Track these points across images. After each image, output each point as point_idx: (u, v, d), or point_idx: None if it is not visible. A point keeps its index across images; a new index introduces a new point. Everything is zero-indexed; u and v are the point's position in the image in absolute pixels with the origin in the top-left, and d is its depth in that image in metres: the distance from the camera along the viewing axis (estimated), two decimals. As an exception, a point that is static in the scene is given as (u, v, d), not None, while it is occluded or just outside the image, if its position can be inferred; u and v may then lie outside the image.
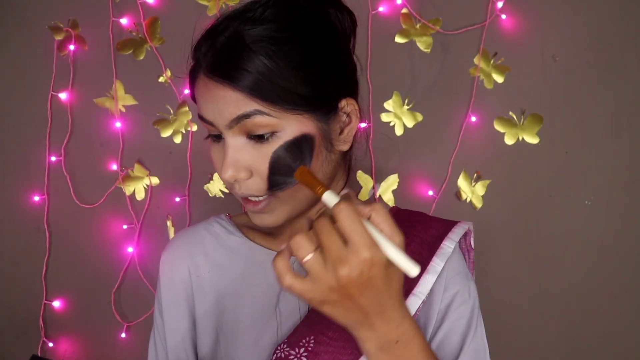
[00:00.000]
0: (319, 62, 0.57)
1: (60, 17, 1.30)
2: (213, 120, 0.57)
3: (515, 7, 1.14)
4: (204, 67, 0.56)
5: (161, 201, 1.32)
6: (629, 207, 1.16)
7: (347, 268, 0.43)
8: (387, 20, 1.18)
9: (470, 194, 1.19)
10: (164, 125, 1.28)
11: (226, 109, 0.55)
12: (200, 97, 0.58)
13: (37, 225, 1.37)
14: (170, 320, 0.71)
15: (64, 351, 1.41)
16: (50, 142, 1.34)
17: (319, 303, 0.46)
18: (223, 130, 0.56)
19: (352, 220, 0.43)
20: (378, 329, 0.47)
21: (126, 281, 1.35)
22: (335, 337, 0.60)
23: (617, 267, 1.18)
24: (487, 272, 1.20)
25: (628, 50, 1.12)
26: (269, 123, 0.55)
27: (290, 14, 0.57)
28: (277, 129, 0.55)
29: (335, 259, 0.43)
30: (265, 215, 0.60)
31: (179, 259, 0.72)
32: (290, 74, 0.54)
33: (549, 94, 1.15)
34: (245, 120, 0.54)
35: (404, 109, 1.19)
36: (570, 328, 1.21)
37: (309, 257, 0.44)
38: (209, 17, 1.22)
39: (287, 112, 0.55)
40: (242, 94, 0.54)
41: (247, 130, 0.55)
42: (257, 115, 0.54)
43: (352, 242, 0.43)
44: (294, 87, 0.55)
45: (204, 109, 0.58)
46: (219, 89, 0.55)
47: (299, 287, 0.45)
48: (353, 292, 0.44)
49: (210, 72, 0.55)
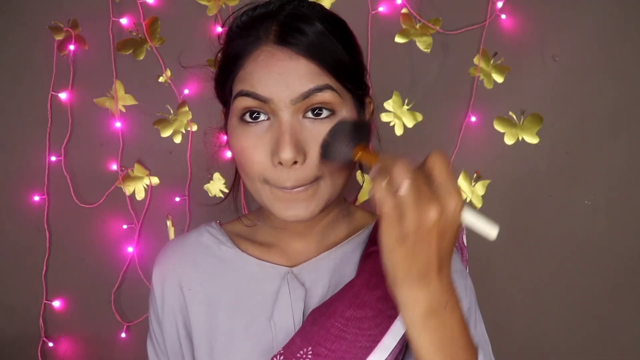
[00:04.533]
0: (359, 54, 0.62)
1: (60, 17, 1.30)
2: (274, 95, 0.54)
3: (515, 7, 1.14)
4: (274, 38, 0.55)
5: (161, 201, 1.32)
6: (629, 207, 1.16)
7: (437, 209, 0.42)
8: (387, 20, 1.18)
9: (470, 194, 1.19)
10: (164, 125, 1.28)
11: (298, 82, 0.54)
12: (260, 70, 0.55)
13: (37, 225, 1.37)
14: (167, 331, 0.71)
15: (64, 351, 1.41)
16: (50, 142, 1.34)
17: (396, 241, 0.44)
18: (283, 107, 0.54)
19: (447, 169, 0.43)
20: (433, 288, 0.46)
21: (126, 281, 1.35)
22: (333, 349, 0.59)
23: (616, 267, 1.18)
24: (487, 272, 1.20)
25: (628, 50, 1.12)
26: (334, 100, 0.55)
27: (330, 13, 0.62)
28: (337, 109, 0.56)
29: (428, 197, 0.42)
30: (302, 207, 0.58)
31: (170, 273, 0.71)
32: (348, 57, 0.58)
33: (549, 94, 1.15)
34: (315, 94, 0.54)
35: (404, 109, 1.19)
36: (570, 328, 1.21)
37: (408, 183, 0.42)
38: (209, 17, 1.22)
39: (348, 93, 0.57)
40: (317, 67, 0.54)
41: (309, 105, 0.55)
42: (328, 90, 0.55)
43: (445, 188, 0.43)
44: (353, 70, 0.58)
45: (262, 83, 0.55)
46: (291, 60, 0.54)
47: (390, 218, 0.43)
48: (431, 237, 0.43)
49: (282, 41, 0.55)
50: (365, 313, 0.60)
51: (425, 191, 0.43)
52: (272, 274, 0.67)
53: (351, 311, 0.60)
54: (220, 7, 1.22)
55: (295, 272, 0.67)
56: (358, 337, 0.59)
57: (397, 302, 0.47)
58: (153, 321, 0.74)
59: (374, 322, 0.60)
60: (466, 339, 0.49)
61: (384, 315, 0.60)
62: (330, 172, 0.58)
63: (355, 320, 0.60)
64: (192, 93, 1.27)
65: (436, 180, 0.43)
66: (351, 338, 0.59)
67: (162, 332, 0.72)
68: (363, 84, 0.62)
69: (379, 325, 0.60)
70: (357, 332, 0.59)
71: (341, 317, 0.60)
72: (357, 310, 0.60)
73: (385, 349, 0.59)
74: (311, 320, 0.62)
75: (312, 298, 0.66)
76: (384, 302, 0.60)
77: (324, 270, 0.67)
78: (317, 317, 0.61)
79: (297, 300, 0.65)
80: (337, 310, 0.60)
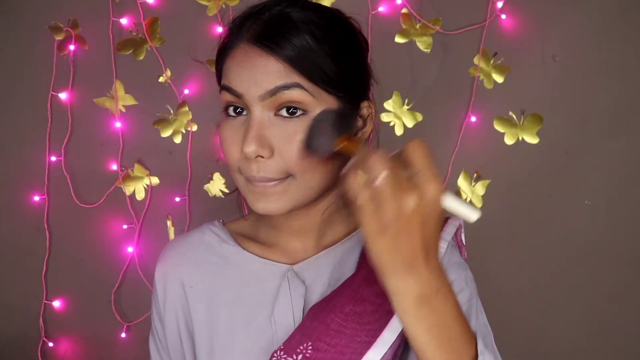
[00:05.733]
0: (352, 58, 0.61)
1: (60, 17, 1.30)
2: (245, 90, 0.56)
3: (515, 7, 1.14)
4: (248, 36, 0.57)
5: (161, 201, 1.32)
6: (629, 207, 1.16)
7: (415, 197, 0.42)
8: (387, 20, 1.18)
9: (470, 194, 1.19)
10: (164, 125, 1.28)
11: (265, 78, 0.55)
12: (235, 66, 0.58)
13: (37, 225, 1.37)
14: (168, 328, 0.72)
15: (64, 351, 1.41)
16: (50, 142, 1.34)
17: (376, 232, 0.44)
18: (253, 103, 0.56)
19: (426, 156, 0.43)
20: (421, 275, 0.45)
21: (126, 281, 1.35)
22: (333, 344, 0.60)
23: (616, 267, 1.18)
24: (487, 272, 1.20)
25: (628, 50, 1.12)
26: (304, 100, 0.56)
27: (330, 11, 0.62)
28: (309, 109, 0.56)
29: (405, 186, 0.42)
30: (272, 201, 0.59)
31: (172, 270, 0.72)
32: (329, 59, 0.57)
33: (549, 94, 1.15)
34: (283, 92, 0.55)
35: (404, 109, 1.19)
36: (570, 328, 1.21)
37: (385, 174, 0.42)
38: (209, 17, 1.22)
39: (322, 93, 0.57)
40: (285, 65, 0.55)
41: (280, 103, 0.56)
42: (296, 88, 0.55)
43: (423, 174, 0.43)
44: (331, 72, 0.57)
45: (236, 79, 0.57)
46: (262, 57, 0.56)
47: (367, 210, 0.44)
48: (412, 225, 0.43)
49: (256, 40, 0.56)
50: (364, 308, 0.61)
51: (402, 180, 0.43)
52: (273, 271, 0.68)
53: (350, 306, 0.61)
54: (220, 7, 1.22)
55: (295, 270, 0.68)
56: (357, 332, 0.60)
57: (388, 293, 0.47)
58: (155, 319, 0.75)
59: (373, 317, 0.61)
60: (462, 326, 0.49)
61: (382, 310, 0.60)
62: (301, 172, 0.58)
63: (354, 315, 0.60)
64: (192, 93, 1.27)
65: (414, 168, 0.43)
66: (350, 333, 0.60)
67: (164, 329, 0.72)
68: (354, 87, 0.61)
69: (378, 320, 0.60)
70: (356, 327, 0.60)
71: (341, 312, 0.61)
72: (357, 306, 0.61)
73: (385, 344, 0.59)
74: (311, 315, 0.63)
75: (312, 295, 0.67)
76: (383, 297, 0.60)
77: (324, 268, 0.68)
78: (317, 313, 0.62)
79: (297, 298, 0.66)
80: (337, 306, 0.61)
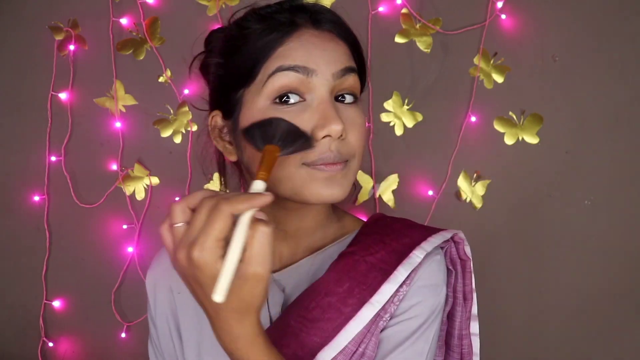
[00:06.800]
0: None
1: (60, 17, 1.30)
2: (318, 66, 0.57)
3: (515, 7, 1.14)
4: (312, 23, 0.60)
5: (161, 201, 1.32)
6: (629, 207, 1.16)
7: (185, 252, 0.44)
8: (387, 20, 1.18)
9: (470, 194, 1.19)
10: (164, 125, 1.28)
11: (339, 57, 0.59)
12: (304, 47, 0.57)
13: (37, 225, 1.37)
14: (161, 333, 0.73)
15: (64, 351, 1.41)
16: (50, 142, 1.34)
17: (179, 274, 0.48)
18: (324, 82, 0.57)
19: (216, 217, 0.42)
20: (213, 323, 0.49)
21: (126, 281, 1.35)
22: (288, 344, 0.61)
23: (616, 267, 1.18)
24: (487, 272, 1.20)
25: (628, 50, 1.12)
26: (358, 87, 0.61)
27: None
28: (358, 97, 0.62)
29: (188, 239, 0.44)
30: (336, 186, 0.58)
31: (161, 277, 0.74)
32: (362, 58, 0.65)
33: (549, 94, 1.15)
34: (349, 74, 0.59)
35: (404, 109, 1.19)
36: (569, 328, 1.21)
37: (179, 225, 0.46)
38: (209, 17, 1.22)
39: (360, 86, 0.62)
40: (349, 51, 0.61)
41: (344, 87, 0.59)
42: (355, 74, 0.60)
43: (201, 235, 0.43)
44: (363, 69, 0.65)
45: (306, 56, 0.57)
46: (332, 40, 0.60)
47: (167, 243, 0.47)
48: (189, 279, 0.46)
49: (323, 27, 0.60)
50: (324, 311, 0.62)
51: (193, 232, 0.44)
52: None
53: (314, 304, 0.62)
54: (220, 7, 1.22)
55: (276, 278, 0.68)
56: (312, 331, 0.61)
57: None
58: (150, 323, 0.76)
59: (333, 324, 0.61)
60: None
61: (343, 316, 0.60)
62: (357, 155, 0.61)
63: (314, 313, 0.62)
64: (192, 93, 1.27)
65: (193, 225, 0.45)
66: (305, 334, 0.61)
67: (157, 333, 0.74)
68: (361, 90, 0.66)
69: (338, 326, 0.60)
70: (311, 326, 0.61)
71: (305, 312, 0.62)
72: (315, 309, 0.62)
73: (336, 348, 0.59)
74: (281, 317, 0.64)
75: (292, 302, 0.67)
76: (344, 301, 0.61)
77: (304, 276, 0.67)
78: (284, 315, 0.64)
79: (275, 305, 0.66)
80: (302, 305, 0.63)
